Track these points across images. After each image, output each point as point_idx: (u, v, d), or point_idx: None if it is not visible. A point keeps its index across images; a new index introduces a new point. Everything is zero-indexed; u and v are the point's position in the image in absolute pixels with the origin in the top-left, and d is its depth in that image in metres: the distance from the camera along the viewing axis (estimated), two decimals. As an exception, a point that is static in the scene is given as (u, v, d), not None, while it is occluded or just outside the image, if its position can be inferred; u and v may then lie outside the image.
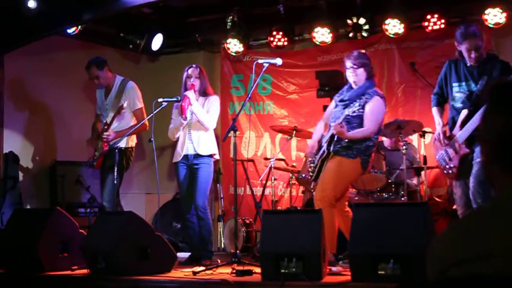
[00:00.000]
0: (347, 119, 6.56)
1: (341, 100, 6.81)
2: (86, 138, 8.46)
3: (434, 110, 6.84)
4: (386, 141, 9.06)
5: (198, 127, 7.57)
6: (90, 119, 8.69)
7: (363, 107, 6.58)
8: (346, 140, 6.57)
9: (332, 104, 7.10)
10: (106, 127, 8.04)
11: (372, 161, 8.05)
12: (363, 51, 7.09)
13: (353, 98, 6.65)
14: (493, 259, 1.61)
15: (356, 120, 6.58)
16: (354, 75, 6.77)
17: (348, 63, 6.77)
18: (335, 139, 6.62)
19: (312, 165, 6.97)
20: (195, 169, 7.55)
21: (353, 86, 6.81)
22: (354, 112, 6.56)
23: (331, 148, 6.65)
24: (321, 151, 6.80)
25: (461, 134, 6.38)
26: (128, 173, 8.40)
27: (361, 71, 6.75)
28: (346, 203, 6.90)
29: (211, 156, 7.61)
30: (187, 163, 7.60)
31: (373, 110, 6.59)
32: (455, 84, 6.55)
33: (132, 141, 8.09)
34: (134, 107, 8.06)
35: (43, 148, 9.63)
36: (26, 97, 9.48)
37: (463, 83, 6.48)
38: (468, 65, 6.45)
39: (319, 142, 6.94)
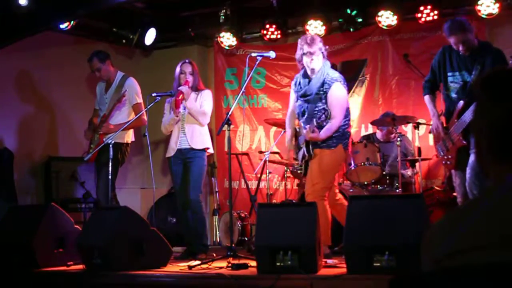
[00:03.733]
0: (316, 115, 6.55)
1: (303, 95, 6.75)
2: (81, 134, 8.44)
3: (427, 98, 6.84)
4: (378, 133, 9.08)
5: (191, 121, 7.56)
6: (84, 115, 8.68)
7: (325, 98, 6.57)
8: None
9: (292, 94, 7.06)
10: (104, 118, 8.04)
11: (362, 146, 8.16)
12: (316, 34, 7.05)
13: (315, 92, 6.62)
14: (487, 249, 1.61)
15: (322, 113, 6.48)
16: (314, 62, 6.67)
17: (310, 49, 6.63)
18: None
19: (297, 161, 6.96)
20: (188, 163, 7.54)
21: (309, 73, 6.74)
22: (317, 107, 6.57)
23: (311, 150, 6.63)
24: (301, 153, 6.79)
25: (457, 126, 6.39)
26: (123, 168, 8.39)
27: (321, 57, 6.70)
28: (337, 191, 6.90)
29: (204, 150, 7.61)
30: (181, 157, 7.60)
31: (336, 100, 6.54)
32: (449, 74, 6.56)
33: (129, 137, 8.08)
34: (132, 102, 8.06)
35: (37, 144, 9.61)
36: (20, 93, 9.46)
37: (457, 73, 6.49)
38: (461, 54, 6.46)
39: (296, 140, 6.94)
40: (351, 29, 9.54)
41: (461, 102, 6.38)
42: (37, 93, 9.66)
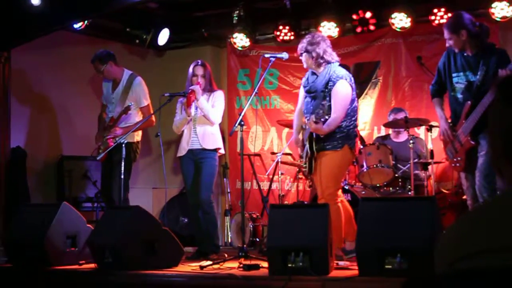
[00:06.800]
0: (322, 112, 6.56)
1: (309, 92, 6.75)
2: (93, 133, 8.45)
3: (435, 101, 6.83)
4: (392, 134, 9.07)
5: (203, 122, 7.57)
6: (97, 114, 8.70)
7: (329, 95, 6.55)
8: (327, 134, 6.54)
9: (302, 91, 7.03)
10: (111, 123, 8.03)
11: (375, 148, 8.13)
12: (316, 32, 7.11)
13: (319, 89, 6.60)
14: (500, 252, 1.61)
15: (320, 108, 6.48)
16: (304, 61, 6.76)
17: (299, 49, 6.77)
18: (314, 136, 6.60)
19: (302, 159, 6.93)
20: (200, 163, 7.55)
21: (316, 72, 6.76)
22: (323, 104, 6.52)
23: (314, 148, 6.61)
24: (305, 150, 6.75)
25: (465, 127, 6.36)
26: (135, 167, 8.40)
27: (304, 56, 6.73)
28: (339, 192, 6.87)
29: (216, 150, 7.61)
30: (192, 158, 7.60)
31: (339, 95, 6.49)
32: (454, 75, 6.54)
33: (138, 135, 8.07)
34: (140, 104, 8.05)
35: (50, 143, 9.65)
36: (33, 92, 9.50)
37: (461, 74, 6.47)
38: (464, 54, 6.45)
39: (302, 138, 6.93)
40: (365, 31, 9.52)
41: (468, 103, 6.35)
42: (50, 92, 9.69)
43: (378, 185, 8.33)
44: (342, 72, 6.60)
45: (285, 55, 7.12)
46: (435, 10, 8.97)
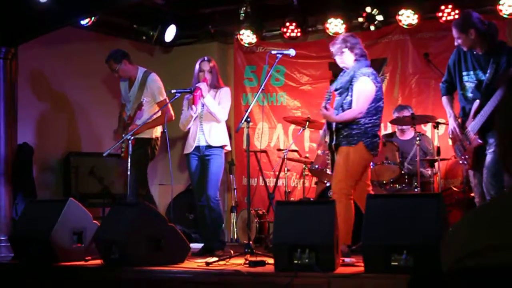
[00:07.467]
0: (343, 108, 6.62)
1: (336, 89, 6.82)
2: (100, 129, 8.47)
3: (444, 99, 6.81)
4: (397, 132, 9.06)
5: (209, 119, 7.56)
6: (105, 110, 8.71)
7: (352, 91, 6.62)
8: (345, 129, 6.57)
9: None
10: (129, 121, 8.04)
11: (381, 145, 8.09)
12: (348, 34, 7.15)
13: (344, 86, 6.68)
14: (506, 250, 1.60)
15: (350, 106, 6.59)
16: (339, 61, 6.82)
17: (332, 50, 6.82)
18: (333, 128, 6.65)
19: (328, 157, 6.99)
20: (206, 160, 7.55)
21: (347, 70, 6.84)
22: (345, 99, 6.63)
23: (333, 142, 6.66)
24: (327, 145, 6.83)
25: (473, 126, 6.35)
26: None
27: (346, 54, 6.75)
28: (369, 188, 6.86)
29: (222, 147, 7.61)
30: (199, 154, 7.60)
31: (358, 90, 6.55)
32: (464, 73, 6.52)
33: (157, 131, 8.08)
34: (156, 100, 8.05)
35: (57, 139, 9.65)
36: (41, 88, 9.51)
37: (471, 72, 6.45)
38: (474, 52, 6.42)
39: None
40: (372, 28, 9.50)
41: (477, 102, 6.34)
42: (57, 89, 9.70)
43: (384, 182, 8.33)
44: (367, 70, 6.67)
45: (292, 51, 7.10)
46: (443, 7, 8.94)
